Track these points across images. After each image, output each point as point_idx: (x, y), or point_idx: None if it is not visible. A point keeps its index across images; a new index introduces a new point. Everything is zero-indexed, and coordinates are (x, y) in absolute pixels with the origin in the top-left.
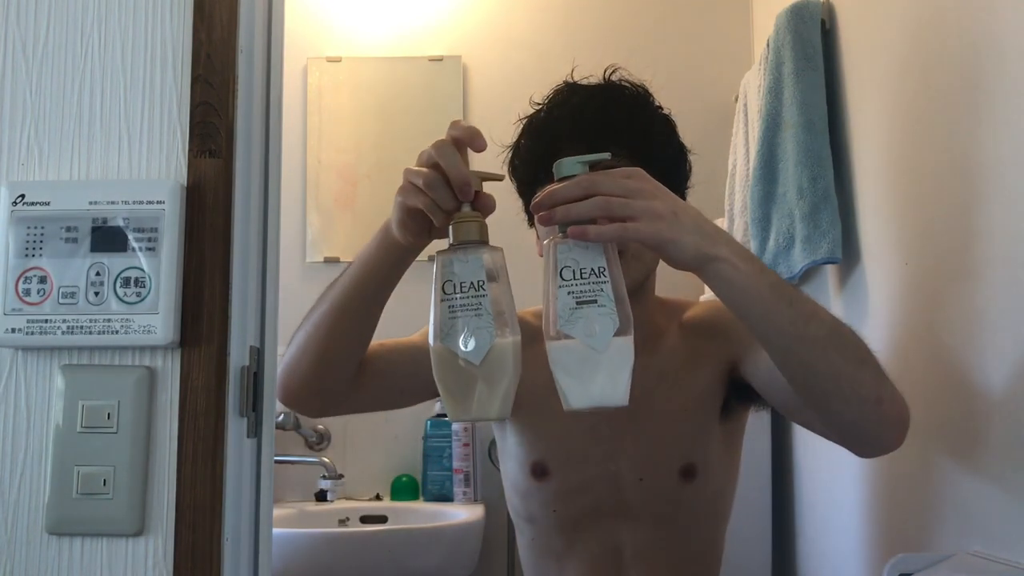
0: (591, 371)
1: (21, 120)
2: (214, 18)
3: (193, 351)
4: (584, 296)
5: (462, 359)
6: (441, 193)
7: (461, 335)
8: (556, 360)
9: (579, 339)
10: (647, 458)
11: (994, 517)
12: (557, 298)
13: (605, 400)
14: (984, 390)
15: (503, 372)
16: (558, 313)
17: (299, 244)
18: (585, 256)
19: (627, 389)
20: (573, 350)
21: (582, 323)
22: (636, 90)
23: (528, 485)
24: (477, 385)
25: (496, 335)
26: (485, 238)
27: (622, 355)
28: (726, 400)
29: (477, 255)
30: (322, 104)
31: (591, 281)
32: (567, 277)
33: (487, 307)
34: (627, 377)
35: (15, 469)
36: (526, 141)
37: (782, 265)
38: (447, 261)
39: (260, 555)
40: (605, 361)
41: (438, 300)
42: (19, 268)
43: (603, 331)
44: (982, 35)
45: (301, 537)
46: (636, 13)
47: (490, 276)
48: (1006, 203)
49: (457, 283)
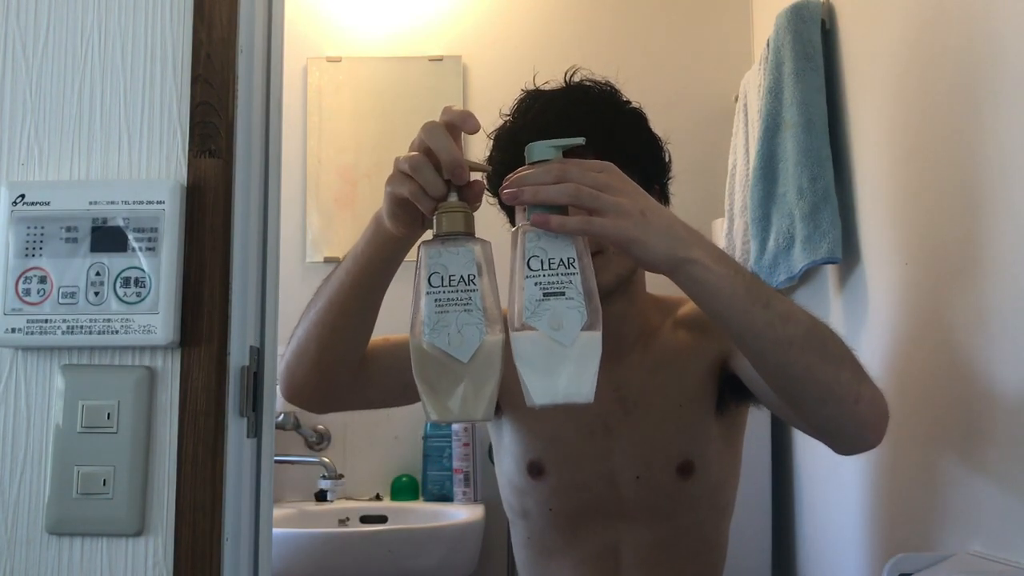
0: (556, 365)
1: (21, 120)
2: (214, 18)
3: (193, 351)
4: (551, 288)
5: (449, 356)
6: (428, 177)
7: (449, 331)
8: (520, 353)
9: (545, 332)
10: (643, 455)
11: (994, 517)
12: (524, 289)
13: (571, 396)
14: (984, 390)
15: (491, 371)
16: (524, 304)
17: (299, 244)
18: (554, 246)
19: (593, 385)
20: (538, 343)
21: (548, 315)
22: (599, 88)
23: (524, 483)
24: (463, 384)
25: (486, 332)
26: (472, 230)
27: (589, 350)
28: (720, 395)
29: (468, 247)
30: (322, 104)
31: (560, 272)
32: (535, 267)
33: (477, 302)
34: (594, 373)
35: (15, 469)
36: (495, 153)
37: (782, 265)
38: (435, 252)
39: (260, 555)
40: (572, 355)
41: (423, 293)
42: (19, 268)
43: (570, 325)
44: (982, 35)
45: (301, 537)
46: (636, 13)
47: (479, 270)
48: (1007, 203)
49: (446, 276)
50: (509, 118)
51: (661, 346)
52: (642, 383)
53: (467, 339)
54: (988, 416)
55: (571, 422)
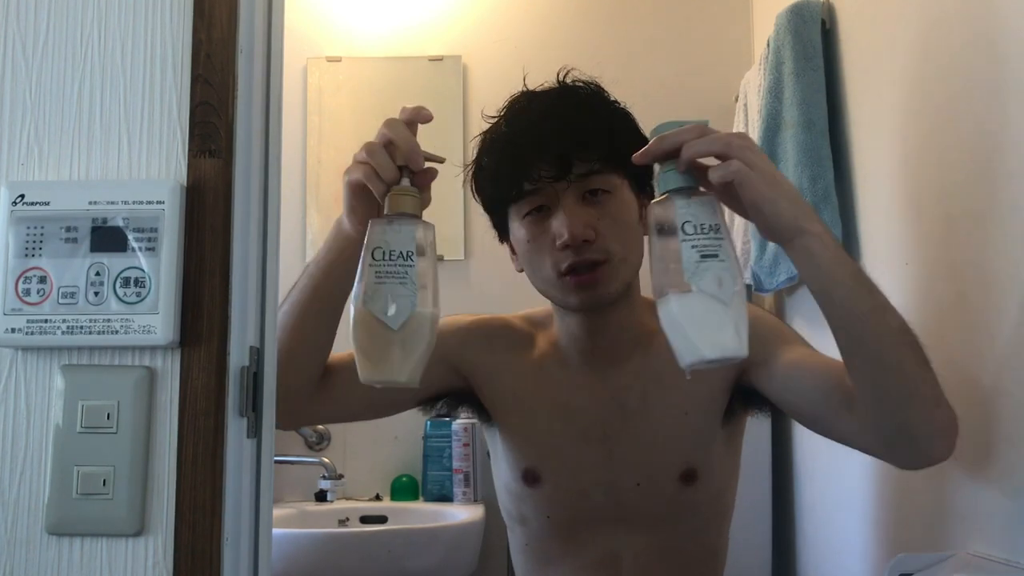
0: (719, 322)
1: (21, 120)
2: (214, 18)
3: (193, 351)
4: (707, 250)
5: (381, 323)
6: (381, 160)
7: (384, 300)
8: (683, 313)
9: (706, 291)
10: (645, 463)
11: (994, 517)
12: (681, 252)
13: (737, 351)
14: (984, 390)
15: (419, 339)
16: (684, 266)
17: (299, 244)
18: (702, 212)
19: (747, 340)
20: (698, 302)
21: (709, 275)
22: (590, 89)
23: (520, 490)
24: (392, 349)
25: (417, 304)
26: (419, 212)
27: (743, 308)
28: (729, 404)
29: (410, 227)
30: (322, 104)
31: (711, 236)
32: (689, 231)
33: (412, 277)
34: (747, 328)
35: (15, 469)
36: (491, 158)
37: (782, 265)
38: (380, 230)
39: (260, 555)
40: (731, 313)
41: (366, 265)
42: (19, 268)
43: (727, 284)
44: (983, 34)
45: (301, 537)
46: (636, 13)
47: (419, 250)
48: (1008, 203)
49: (387, 251)
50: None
51: (661, 352)
52: (643, 389)
53: (399, 309)
54: (989, 416)
55: (567, 429)
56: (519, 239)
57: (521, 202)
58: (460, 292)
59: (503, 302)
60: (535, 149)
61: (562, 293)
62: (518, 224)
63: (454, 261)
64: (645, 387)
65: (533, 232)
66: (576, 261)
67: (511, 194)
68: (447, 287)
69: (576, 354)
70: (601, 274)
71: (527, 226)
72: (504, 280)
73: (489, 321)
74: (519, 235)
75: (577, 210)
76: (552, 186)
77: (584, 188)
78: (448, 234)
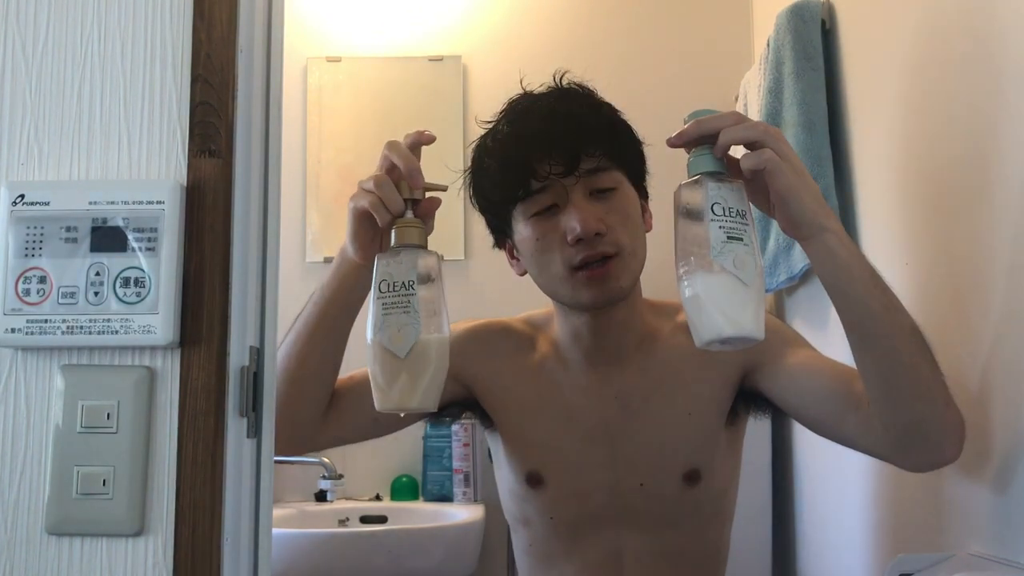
0: (739, 302)
1: (21, 120)
2: (214, 18)
3: (193, 351)
4: (733, 232)
5: (390, 352)
6: (388, 192)
7: (390, 330)
8: (706, 290)
9: (730, 271)
10: (648, 463)
11: (994, 517)
12: (709, 231)
13: (754, 332)
14: (984, 390)
15: (426, 365)
16: (711, 244)
17: (299, 244)
18: (731, 197)
19: (764, 325)
20: (724, 281)
21: (732, 256)
22: (586, 90)
23: (523, 492)
24: (401, 377)
25: (421, 331)
26: (423, 243)
27: (762, 295)
28: (732, 406)
29: (411, 257)
30: (322, 104)
31: (738, 220)
32: (718, 212)
33: (415, 305)
34: (763, 317)
35: (15, 469)
36: (494, 159)
37: (782, 265)
38: (384, 263)
39: (260, 555)
40: (752, 295)
41: (374, 298)
42: (19, 268)
43: (749, 267)
44: (983, 34)
45: (301, 537)
46: (636, 13)
47: (423, 278)
48: (1008, 204)
49: (391, 283)
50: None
51: (664, 352)
52: (646, 390)
53: (405, 337)
54: (989, 415)
55: (570, 430)
56: (525, 238)
57: (528, 201)
58: (460, 292)
59: (503, 302)
60: (542, 146)
61: (573, 290)
62: (524, 224)
63: (454, 261)
64: (648, 388)
65: (542, 230)
66: (588, 255)
67: (518, 193)
68: (447, 287)
69: (578, 355)
70: (612, 267)
71: (535, 225)
72: (504, 280)
73: (487, 326)
74: (525, 234)
75: (587, 205)
76: (560, 182)
77: (591, 185)
78: (448, 234)
